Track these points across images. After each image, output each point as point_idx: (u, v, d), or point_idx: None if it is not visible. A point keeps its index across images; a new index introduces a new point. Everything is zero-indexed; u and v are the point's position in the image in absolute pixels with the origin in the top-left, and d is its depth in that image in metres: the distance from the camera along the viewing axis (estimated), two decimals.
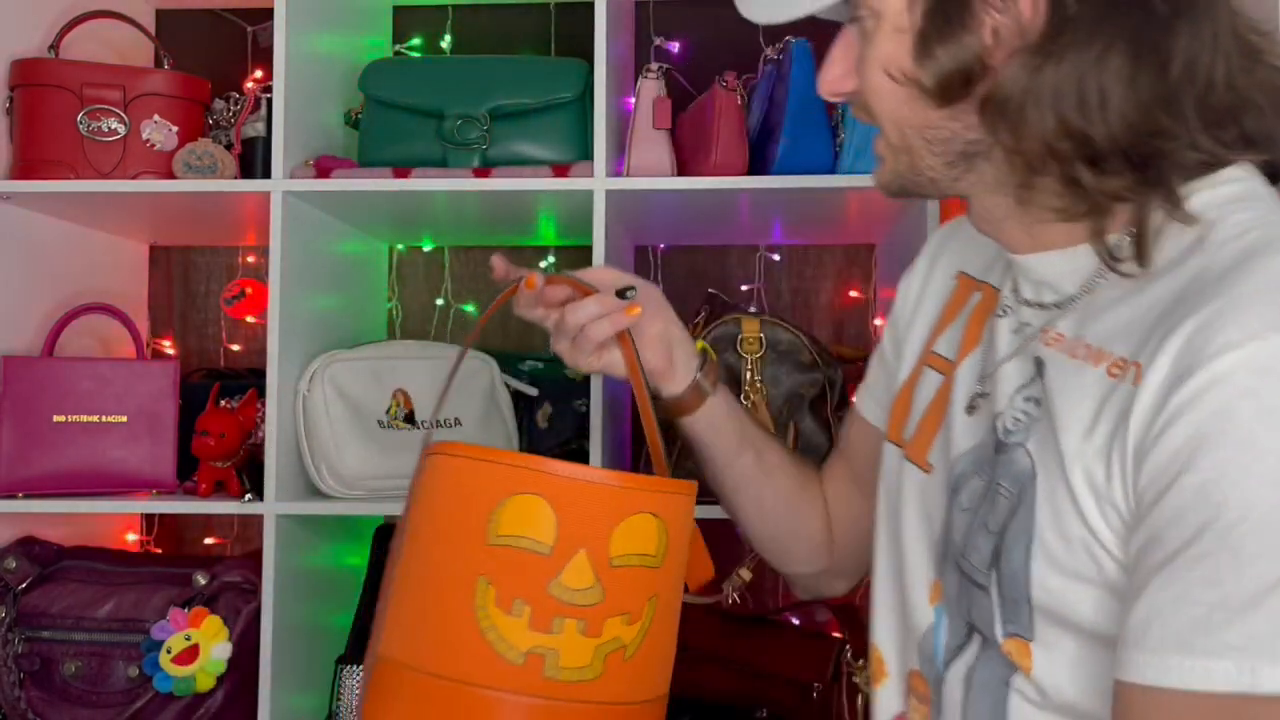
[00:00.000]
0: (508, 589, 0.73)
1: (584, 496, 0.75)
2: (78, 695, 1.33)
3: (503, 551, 0.74)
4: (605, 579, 0.75)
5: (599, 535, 0.75)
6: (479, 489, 0.75)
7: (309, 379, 1.34)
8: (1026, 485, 0.70)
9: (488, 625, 0.73)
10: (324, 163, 1.32)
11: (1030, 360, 0.74)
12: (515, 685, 0.73)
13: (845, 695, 1.38)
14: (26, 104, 1.36)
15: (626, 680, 0.77)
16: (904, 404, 0.88)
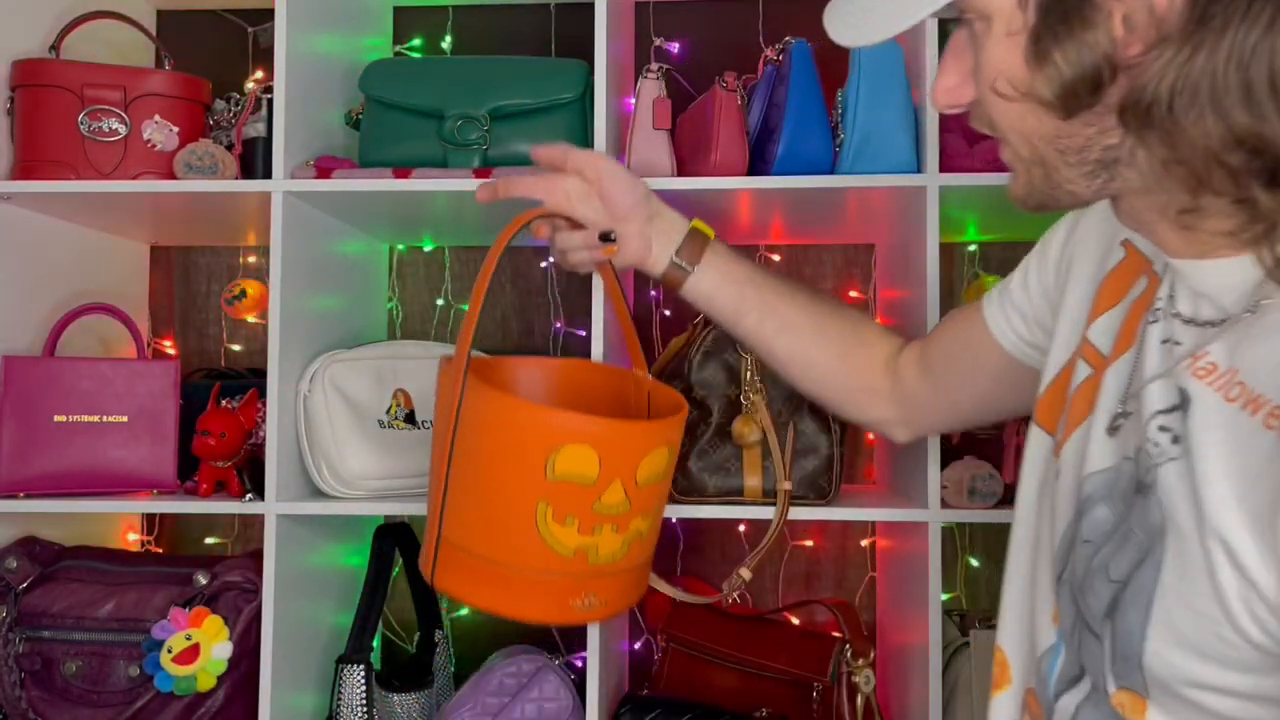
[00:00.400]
0: (562, 509, 0.98)
1: (620, 439, 0.99)
2: (78, 695, 1.33)
3: (559, 485, 0.97)
4: (633, 495, 1.01)
5: (630, 467, 1.00)
6: (537, 435, 0.97)
7: (309, 379, 1.34)
8: (1155, 540, 0.62)
9: (546, 532, 0.98)
10: (324, 163, 1.33)
11: (1174, 388, 0.65)
12: (568, 569, 1.00)
13: (845, 695, 1.38)
14: (27, 104, 1.36)
15: (639, 553, 1.06)
16: (1059, 394, 0.79)
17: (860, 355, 1.06)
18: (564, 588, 1.01)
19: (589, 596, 1.02)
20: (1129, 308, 0.75)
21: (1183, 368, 0.65)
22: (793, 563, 1.68)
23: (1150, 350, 0.69)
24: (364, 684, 1.32)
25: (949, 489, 1.28)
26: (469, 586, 1.03)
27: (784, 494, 1.24)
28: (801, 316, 1.05)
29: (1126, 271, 0.77)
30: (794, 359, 1.06)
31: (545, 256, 1.71)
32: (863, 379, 1.06)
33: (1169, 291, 0.70)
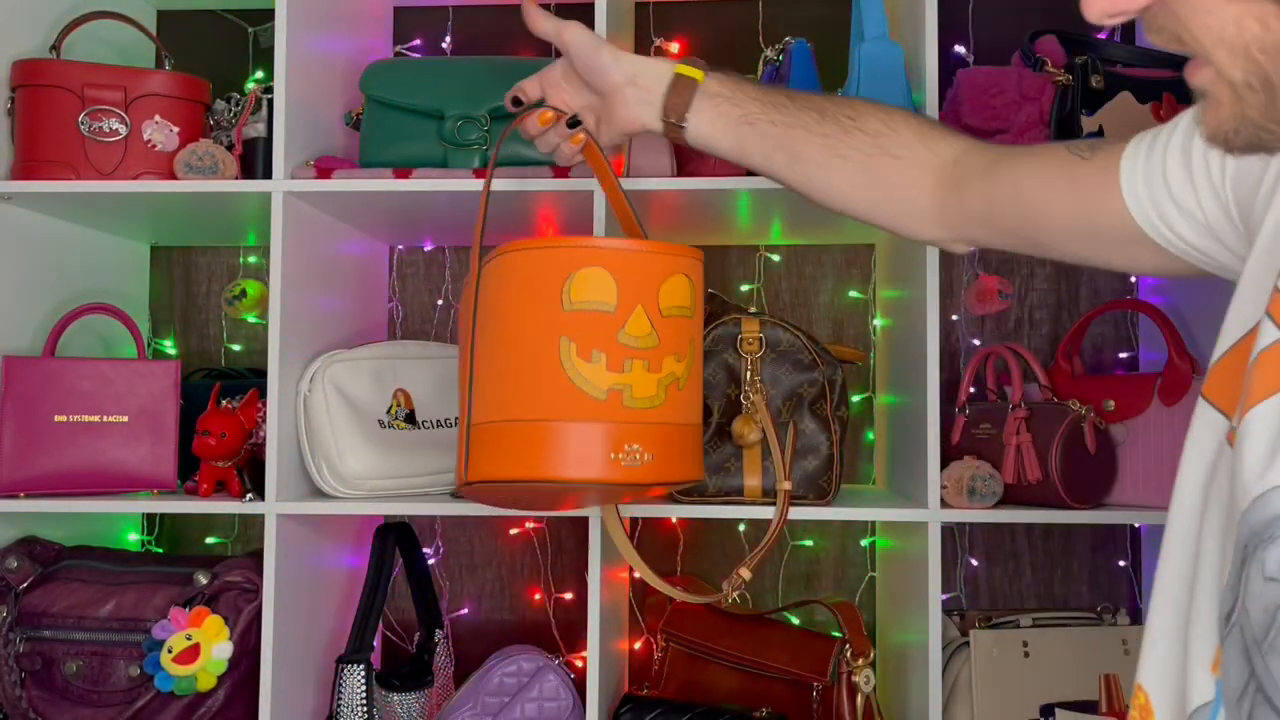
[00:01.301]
0: (586, 342, 0.94)
1: (634, 262, 0.96)
2: (79, 694, 1.33)
3: (578, 315, 0.95)
4: (659, 327, 0.97)
5: (650, 292, 0.96)
6: (550, 269, 0.95)
7: (309, 379, 1.34)
8: None
9: (574, 373, 0.94)
10: (324, 163, 1.33)
11: None
12: (603, 415, 0.95)
13: (845, 695, 1.38)
14: (28, 105, 1.36)
15: (681, 405, 1.00)
16: (1238, 362, 0.62)
17: (889, 171, 0.94)
18: (603, 437, 0.95)
19: (632, 447, 0.95)
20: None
21: None
22: (793, 563, 1.68)
23: None
24: (364, 684, 1.32)
25: (948, 489, 1.29)
26: (501, 459, 0.96)
27: (784, 494, 1.24)
28: (808, 142, 0.96)
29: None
30: (815, 187, 0.99)
31: None
32: (897, 196, 0.95)
33: None
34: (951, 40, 1.62)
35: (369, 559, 1.42)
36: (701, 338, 1.04)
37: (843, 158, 0.95)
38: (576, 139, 1.05)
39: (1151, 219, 0.76)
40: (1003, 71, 1.34)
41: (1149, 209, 0.76)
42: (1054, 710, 1.38)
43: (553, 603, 1.68)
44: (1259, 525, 0.53)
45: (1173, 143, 0.75)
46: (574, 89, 1.05)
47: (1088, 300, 1.65)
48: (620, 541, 1.24)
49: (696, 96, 0.99)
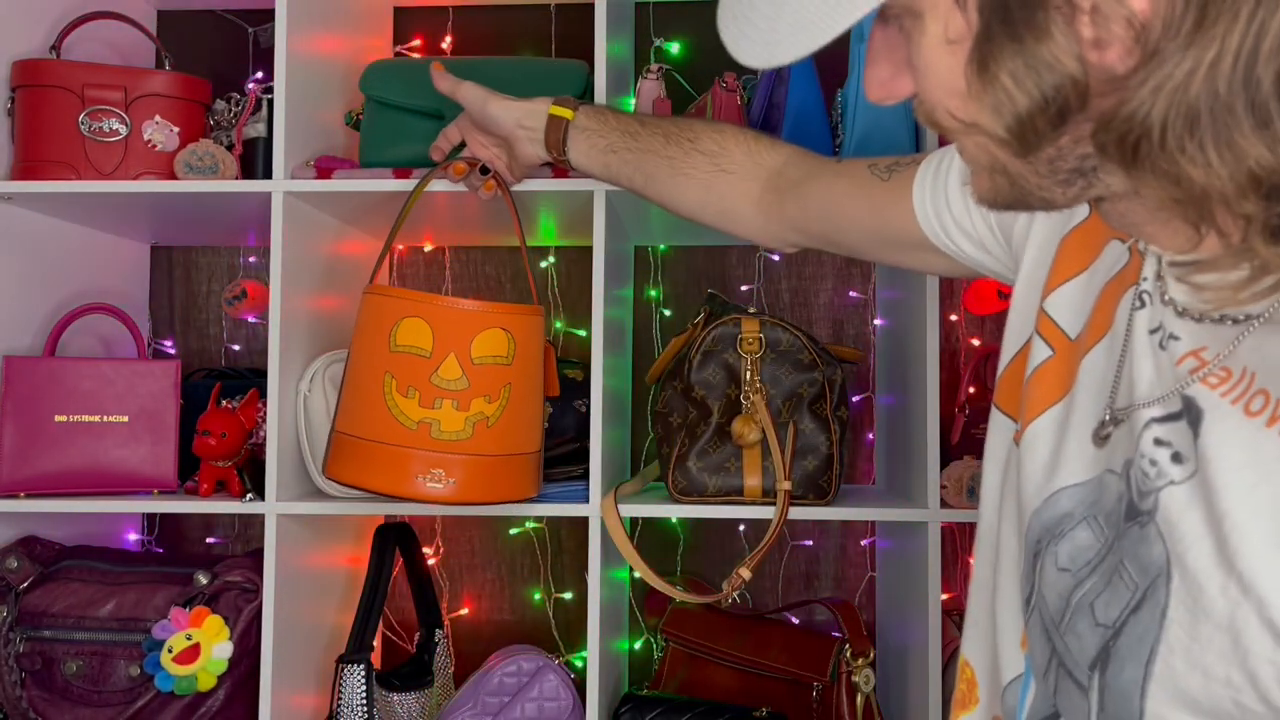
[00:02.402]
0: (404, 380, 1.12)
1: (450, 317, 1.13)
2: (79, 694, 1.33)
3: (400, 356, 1.13)
4: (470, 372, 1.12)
5: (463, 342, 1.12)
6: (385, 314, 1.14)
7: (310, 379, 1.34)
8: (1156, 581, 0.52)
9: (392, 403, 1.12)
10: (324, 163, 1.33)
11: (1177, 396, 0.54)
12: (413, 442, 1.12)
13: (845, 694, 1.38)
14: (28, 105, 1.36)
15: (492, 440, 1.15)
16: (1017, 376, 0.70)
17: (724, 186, 1.06)
18: (410, 461, 1.11)
19: (435, 472, 1.11)
20: (1102, 284, 0.64)
21: (1184, 370, 0.55)
22: (793, 563, 1.68)
23: (1138, 342, 0.59)
24: (364, 684, 1.32)
25: (949, 489, 1.29)
26: (342, 463, 1.15)
27: (784, 494, 1.24)
28: (659, 164, 1.08)
29: (1092, 233, 0.66)
30: (667, 202, 1.11)
31: (545, 255, 1.71)
32: (730, 208, 1.07)
33: (1156, 270, 0.59)
34: None
35: (369, 559, 1.42)
36: (532, 381, 1.18)
37: (686, 176, 1.07)
38: (489, 185, 1.22)
39: (936, 231, 0.87)
40: None
41: (935, 223, 0.87)
42: None
43: (553, 603, 1.68)
44: (1050, 522, 0.61)
45: (954, 167, 0.85)
46: (484, 135, 1.21)
47: None
48: (620, 541, 1.24)
49: (570, 131, 1.14)
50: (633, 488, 1.42)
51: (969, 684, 0.73)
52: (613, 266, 1.36)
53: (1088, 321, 0.64)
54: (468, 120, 1.22)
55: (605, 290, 1.29)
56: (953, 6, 0.52)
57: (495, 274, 1.73)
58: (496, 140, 1.20)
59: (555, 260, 1.71)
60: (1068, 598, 0.58)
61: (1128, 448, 0.57)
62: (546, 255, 1.71)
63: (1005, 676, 0.67)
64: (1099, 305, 0.63)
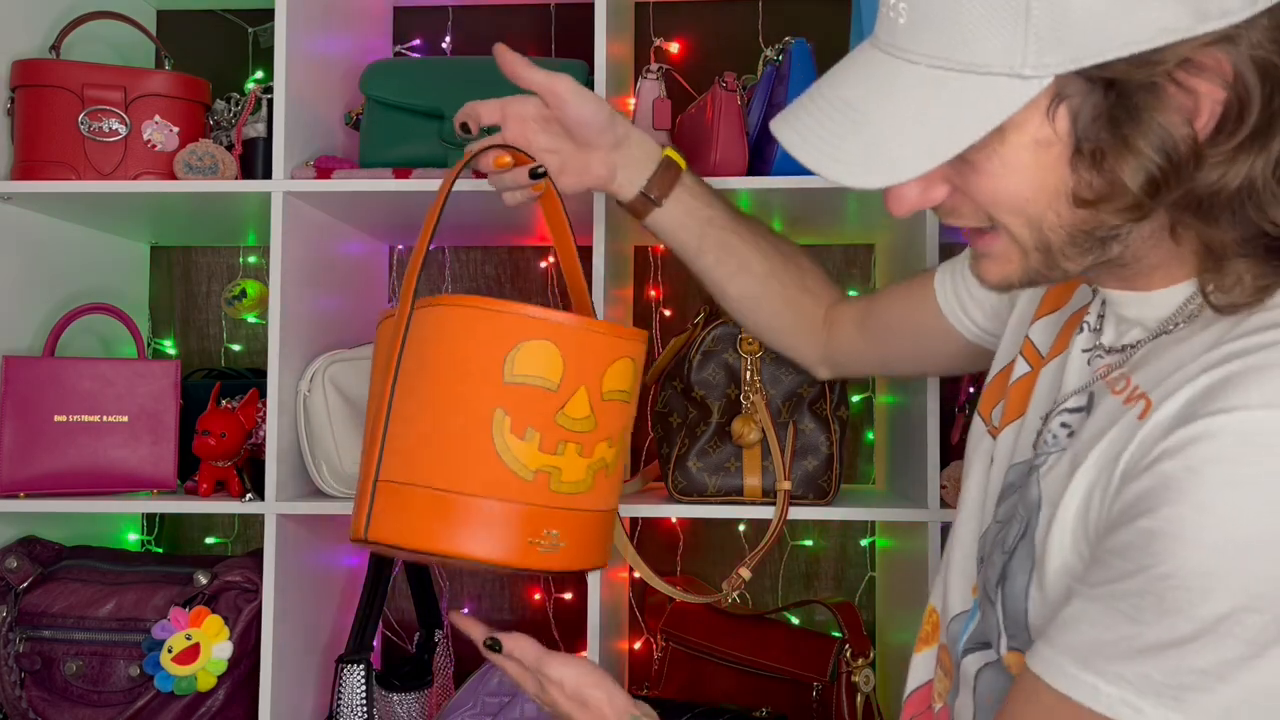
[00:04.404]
0: (522, 419, 0.89)
1: (586, 342, 0.91)
2: (79, 694, 1.33)
3: (518, 389, 0.89)
4: (598, 410, 0.93)
5: (595, 375, 0.92)
6: (497, 334, 0.90)
7: (309, 379, 1.34)
8: (1033, 514, 0.72)
9: (503, 447, 0.89)
10: (324, 163, 1.33)
11: (1087, 394, 0.74)
12: (526, 497, 0.90)
13: (845, 694, 1.38)
14: (27, 105, 1.36)
15: (605, 492, 0.97)
16: (999, 387, 0.86)
17: (804, 303, 1.11)
18: (523, 519, 0.90)
19: (550, 533, 0.91)
20: (1068, 315, 0.81)
21: (1097, 376, 0.73)
22: (793, 563, 1.68)
23: (1074, 359, 0.77)
24: (364, 684, 1.32)
25: (949, 489, 1.29)
26: (410, 526, 0.89)
27: (784, 494, 1.24)
28: (758, 260, 1.08)
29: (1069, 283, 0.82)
30: (745, 301, 1.10)
31: (545, 255, 1.71)
32: (802, 324, 1.11)
33: (1099, 310, 0.77)
34: None
35: (369, 559, 1.42)
36: (633, 421, 1.01)
37: (780, 283, 1.09)
38: (538, 187, 1.05)
39: (955, 310, 0.98)
40: None
41: (954, 303, 0.98)
42: None
43: (553, 603, 1.68)
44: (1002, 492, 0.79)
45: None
46: (548, 132, 1.04)
47: None
48: (620, 541, 1.24)
49: (678, 184, 1.05)
50: (632, 488, 1.42)
51: (933, 626, 0.87)
52: (613, 266, 1.36)
53: (1053, 342, 0.81)
54: (529, 109, 1.03)
55: (605, 290, 1.29)
56: (1042, 117, 0.62)
57: (495, 274, 1.73)
58: (553, 145, 1.04)
59: (555, 260, 1.70)
60: (993, 540, 0.78)
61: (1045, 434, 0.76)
62: (546, 255, 1.71)
63: (952, 614, 0.82)
64: (1062, 331, 0.81)
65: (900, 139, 0.63)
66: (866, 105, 0.64)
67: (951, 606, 0.83)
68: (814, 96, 0.67)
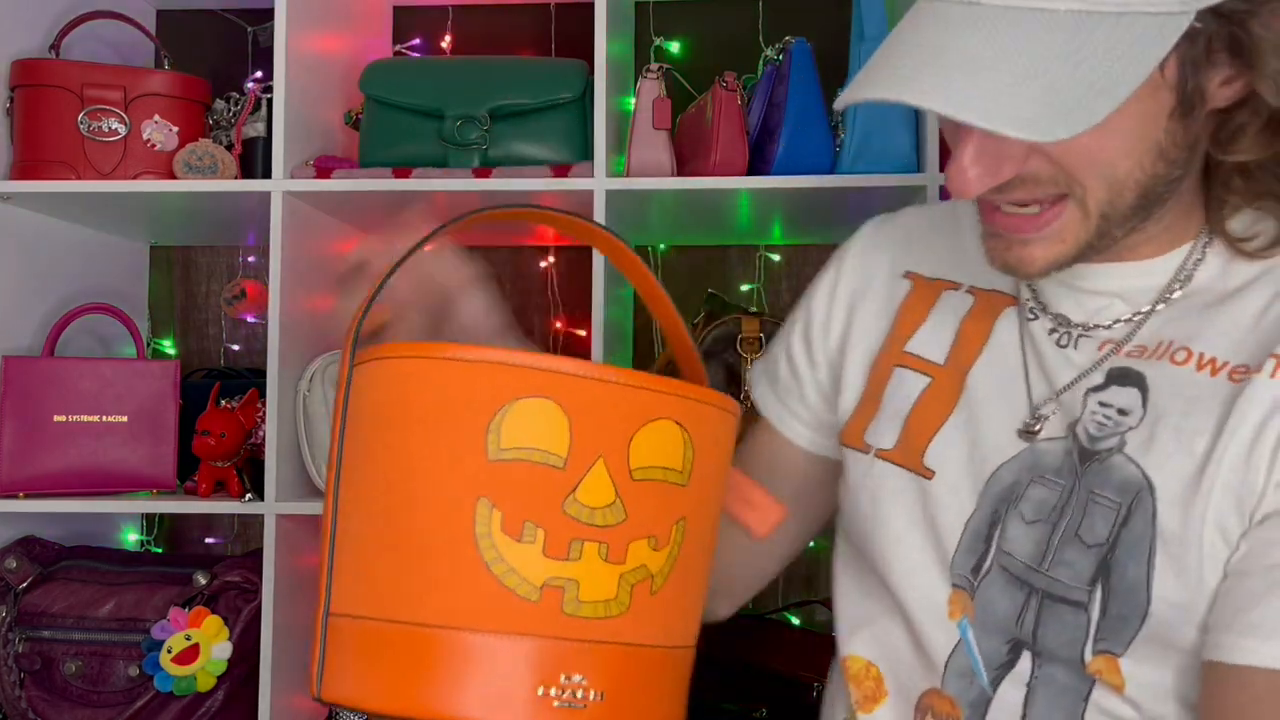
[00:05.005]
0: (516, 511, 0.60)
1: (600, 398, 0.61)
2: (78, 695, 1.33)
3: (508, 467, 0.60)
4: (627, 494, 0.62)
5: (618, 442, 0.61)
6: (473, 395, 0.61)
7: (309, 379, 1.34)
8: (1141, 494, 0.67)
9: (494, 556, 0.59)
10: (324, 163, 1.33)
11: (1100, 371, 0.71)
12: (531, 626, 0.60)
13: None
14: (27, 104, 1.36)
15: (657, 618, 0.64)
16: (869, 407, 0.81)
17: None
18: (530, 659, 0.60)
19: (573, 680, 0.61)
20: (956, 322, 0.79)
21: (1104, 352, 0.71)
22: (793, 563, 1.68)
23: (1042, 344, 0.74)
24: None
25: None
26: (370, 677, 0.61)
27: None
28: None
29: (923, 297, 0.81)
30: None
31: (545, 255, 1.71)
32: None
33: (1032, 298, 0.76)
34: None
35: None
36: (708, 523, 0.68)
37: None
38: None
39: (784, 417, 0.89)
40: None
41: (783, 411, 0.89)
42: None
43: None
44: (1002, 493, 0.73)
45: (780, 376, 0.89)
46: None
47: None
48: None
49: None
50: None
51: (874, 680, 0.81)
52: (613, 266, 1.36)
53: (952, 349, 0.78)
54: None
55: (605, 290, 1.29)
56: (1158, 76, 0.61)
57: (495, 274, 1.72)
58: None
59: (555, 260, 1.70)
60: (1047, 540, 0.70)
61: (1065, 418, 0.71)
62: (546, 255, 1.71)
63: (939, 650, 0.75)
64: (963, 334, 0.78)
65: (1070, 88, 0.58)
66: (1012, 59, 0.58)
67: (934, 645, 0.75)
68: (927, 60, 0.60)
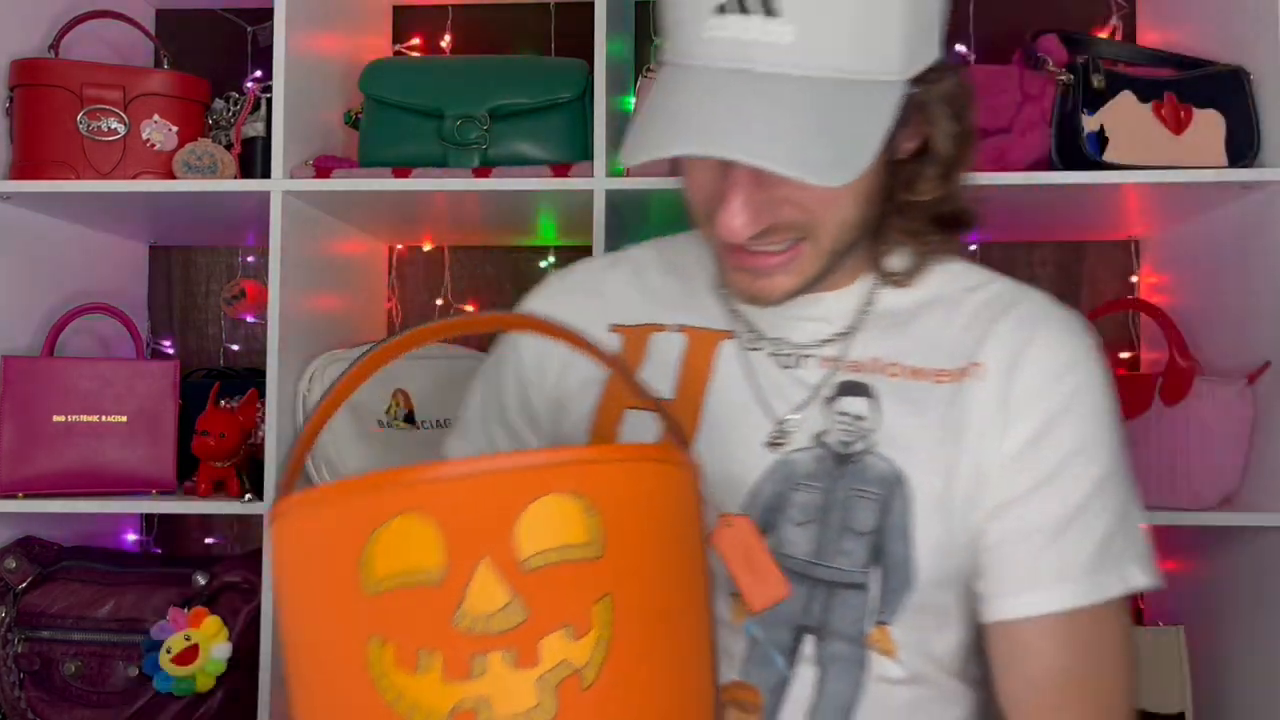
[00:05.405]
0: (407, 641, 0.56)
1: (465, 495, 0.57)
2: (78, 695, 1.33)
3: (388, 598, 0.56)
4: (523, 588, 0.56)
5: (498, 536, 0.56)
6: (337, 536, 0.58)
7: (309, 379, 1.34)
8: (896, 485, 0.78)
9: (394, 696, 0.56)
10: (324, 163, 1.32)
11: (831, 385, 0.82)
12: None
13: None
14: (26, 104, 1.36)
15: (598, 714, 0.57)
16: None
17: None
18: None
19: None
20: (676, 362, 0.86)
21: (825, 370, 0.82)
22: None
23: (769, 368, 0.83)
24: None
25: None
26: None
27: None
28: None
29: (634, 346, 0.88)
30: None
31: (545, 255, 1.70)
32: None
33: (747, 330, 0.85)
34: (952, 39, 1.61)
35: None
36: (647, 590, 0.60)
37: None
38: None
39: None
40: (1004, 70, 1.34)
41: None
42: None
43: None
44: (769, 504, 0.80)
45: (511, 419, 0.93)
46: None
47: (1088, 299, 1.64)
48: None
49: None
50: None
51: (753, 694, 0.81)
52: None
53: (679, 383, 0.85)
54: None
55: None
56: None
57: (495, 274, 1.72)
58: None
59: (555, 260, 1.70)
60: (821, 536, 0.79)
61: (810, 430, 0.81)
62: (546, 255, 1.70)
63: (736, 651, 0.80)
64: (687, 369, 0.85)
65: (840, 142, 0.68)
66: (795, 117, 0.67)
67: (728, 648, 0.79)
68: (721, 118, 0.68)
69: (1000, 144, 1.30)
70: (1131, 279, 1.64)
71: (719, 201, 0.73)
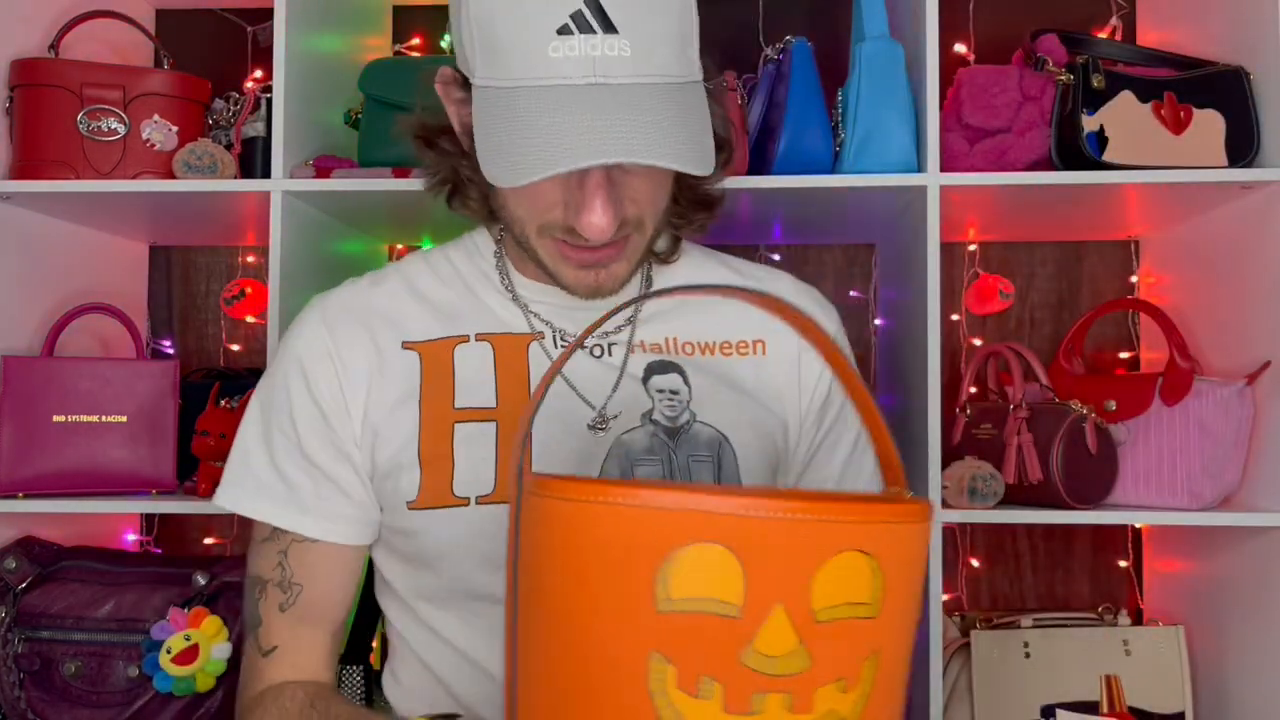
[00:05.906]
0: (691, 665, 0.58)
1: (774, 538, 0.58)
2: (78, 695, 1.33)
3: (679, 619, 0.58)
4: (810, 639, 0.59)
5: (797, 585, 0.58)
6: (635, 544, 0.59)
7: None
8: (722, 446, 0.89)
9: (671, 715, 0.58)
10: (324, 163, 1.32)
11: (640, 366, 0.91)
12: None
13: None
14: (26, 104, 1.36)
15: None
16: (443, 466, 0.88)
17: None
18: None
19: None
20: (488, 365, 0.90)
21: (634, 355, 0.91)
22: None
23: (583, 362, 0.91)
24: (363, 684, 1.32)
25: (949, 489, 1.28)
26: None
27: None
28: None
29: (437, 361, 0.91)
30: None
31: None
32: None
33: (549, 328, 0.92)
34: (952, 39, 1.62)
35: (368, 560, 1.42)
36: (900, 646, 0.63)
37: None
38: None
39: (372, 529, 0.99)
40: (1004, 70, 1.34)
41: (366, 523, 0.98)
42: (1055, 711, 1.38)
43: None
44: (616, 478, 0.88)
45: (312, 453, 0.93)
46: None
47: (1089, 300, 1.64)
48: None
49: None
50: None
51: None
52: None
53: (498, 390, 0.90)
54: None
55: None
56: None
57: None
58: None
59: None
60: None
61: (636, 410, 0.90)
62: None
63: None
64: (502, 376, 0.90)
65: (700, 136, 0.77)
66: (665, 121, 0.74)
67: None
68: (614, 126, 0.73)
69: (1000, 144, 1.30)
70: (1131, 279, 1.64)
71: (576, 207, 0.78)
